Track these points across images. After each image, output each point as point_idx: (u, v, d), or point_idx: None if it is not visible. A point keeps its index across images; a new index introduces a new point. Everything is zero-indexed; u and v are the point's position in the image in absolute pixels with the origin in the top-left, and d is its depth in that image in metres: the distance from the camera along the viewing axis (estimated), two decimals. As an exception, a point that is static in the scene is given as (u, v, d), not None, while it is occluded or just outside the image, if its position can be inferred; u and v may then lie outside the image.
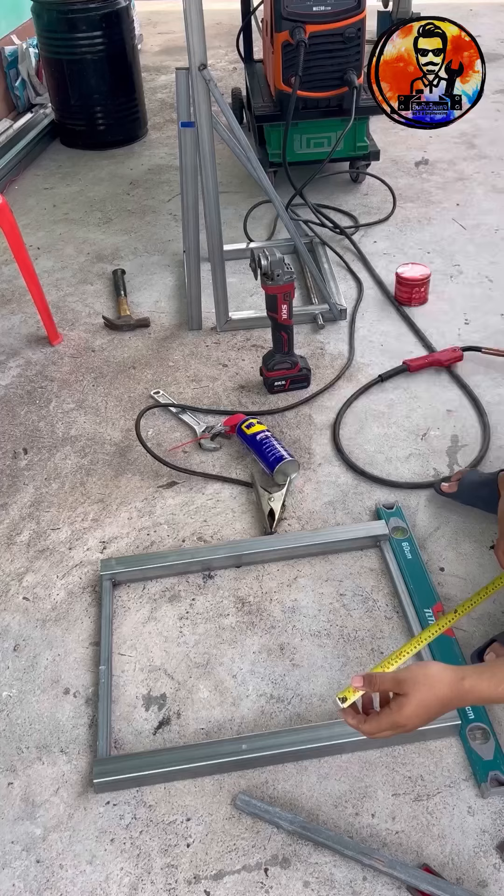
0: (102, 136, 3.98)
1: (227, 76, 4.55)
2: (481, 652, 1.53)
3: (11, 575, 1.80)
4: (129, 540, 1.86)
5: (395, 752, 1.41)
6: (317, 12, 2.75)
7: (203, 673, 1.56)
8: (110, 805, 1.37)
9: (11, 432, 2.21)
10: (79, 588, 1.76)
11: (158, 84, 4.69)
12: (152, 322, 2.62)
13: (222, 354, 2.46)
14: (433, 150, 3.66)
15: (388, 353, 2.41)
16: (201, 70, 2.07)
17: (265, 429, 2.04)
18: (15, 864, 1.30)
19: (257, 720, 1.48)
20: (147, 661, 1.60)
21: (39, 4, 3.72)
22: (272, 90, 3.08)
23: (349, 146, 3.10)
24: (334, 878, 1.26)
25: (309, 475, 2.00)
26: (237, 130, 2.23)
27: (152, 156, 3.89)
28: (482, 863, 1.26)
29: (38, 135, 3.97)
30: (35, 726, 1.49)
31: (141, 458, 2.07)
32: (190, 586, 1.74)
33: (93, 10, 3.65)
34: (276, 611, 1.68)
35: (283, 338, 2.20)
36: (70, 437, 2.18)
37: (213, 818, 1.34)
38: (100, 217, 3.34)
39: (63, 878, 1.28)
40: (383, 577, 1.73)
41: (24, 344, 2.58)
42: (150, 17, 5.70)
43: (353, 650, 1.58)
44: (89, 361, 2.47)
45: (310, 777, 1.39)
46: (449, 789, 1.36)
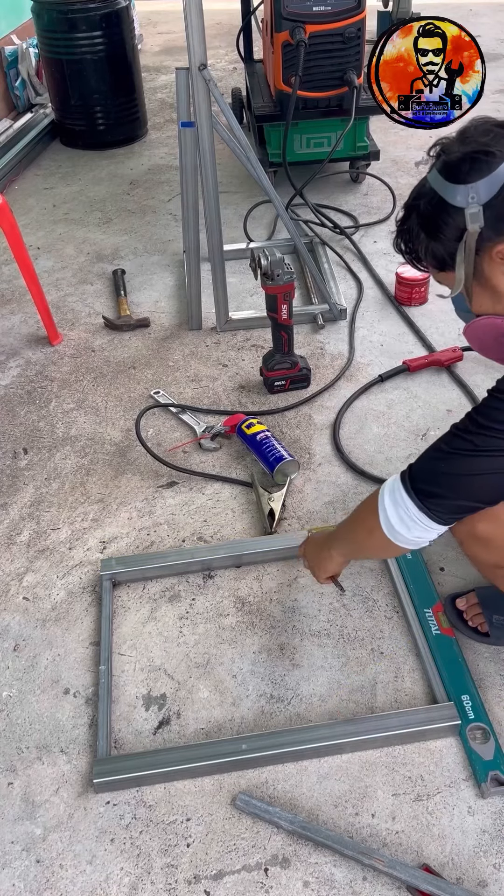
0: (102, 136, 3.98)
1: (227, 76, 4.55)
2: (455, 598, 1.60)
3: (11, 575, 1.80)
4: (129, 540, 1.86)
5: (395, 752, 1.41)
6: (317, 12, 2.75)
7: (203, 673, 1.56)
8: (110, 805, 1.37)
9: (11, 432, 2.21)
10: (79, 588, 1.76)
11: (158, 84, 4.69)
12: (152, 322, 2.62)
13: (222, 354, 2.46)
14: (433, 149, 3.66)
15: (387, 353, 2.41)
16: (201, 70, 2.07)
17: (265, 429, 2.04)
18: (15, 864, 1.30)
19: (257, 720, 1.48)
20: (147, 661, 1.60)
21: (39, 4, 3.72)
22: (272, 90, 3.08)
23: (349, 146, 3.10)
24: (334, 878, 1.26)
25: (309, 475, 2.00)
26: (237, 130, 2.23)
27: (152, 156, 3.89)
28: (482, 863, 1.26)
29: (37, 135, 3.98)
30: (35, 726, 1.49)
31: (141, 458, 2.07)
32: (190, 586, 1.74)
33: (93, 10, 3.66)
34: (276, 611, 1.68)
35: (283, 338, 2.20)
36: (70, 436, 2.18)
37: (213, 818, 1.34)
38: (100, 217, 3.34)
39: (63, 878, 1.28)
40: (383, 576, 1.73)
41: (24, 344, 2.58)
42: (150, 17, 5.70)
43: (353, 650, 1.58)
44: (89, 361, 2.47)
45: (310, 777, 1.39)
46: (449, 789, 1.36)
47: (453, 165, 1.16)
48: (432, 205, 1.19)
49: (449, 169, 1.17)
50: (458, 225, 1.16)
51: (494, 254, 1.16)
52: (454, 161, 1.16)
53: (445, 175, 1.17)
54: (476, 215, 1.14)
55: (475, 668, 1.53)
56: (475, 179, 1.13)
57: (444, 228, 1.18)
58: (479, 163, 1.13)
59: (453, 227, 1.17)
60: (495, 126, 1.17)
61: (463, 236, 1.16)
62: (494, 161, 1.13)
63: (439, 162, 1.19)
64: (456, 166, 1.16)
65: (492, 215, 1.14)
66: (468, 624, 1.57)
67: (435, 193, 1.18)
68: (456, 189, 1.15)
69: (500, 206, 1.13)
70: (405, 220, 1.26)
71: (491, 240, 1.15)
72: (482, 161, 1.13)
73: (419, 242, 1.24)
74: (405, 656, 1.57)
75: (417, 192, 1.24)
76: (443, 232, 1.19)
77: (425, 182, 1.22)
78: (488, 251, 1.17)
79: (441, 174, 1.17)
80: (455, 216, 1.16)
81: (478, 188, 1.13)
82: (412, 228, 1.24)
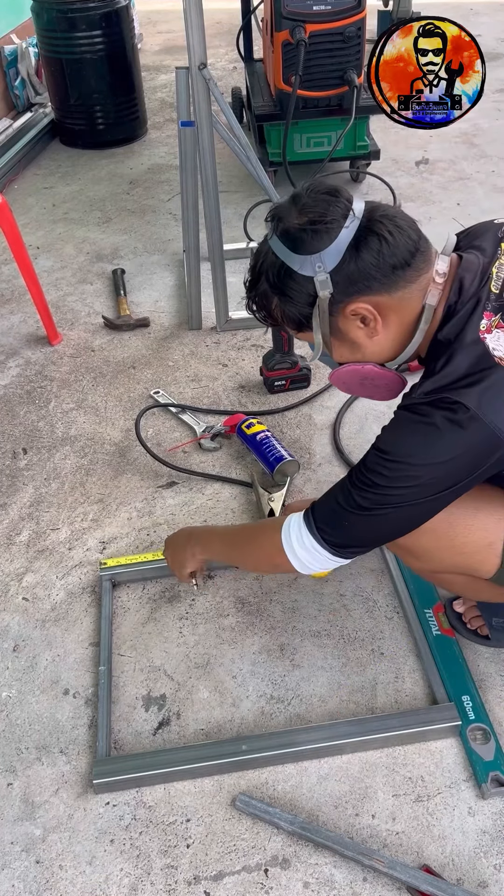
0: (102, 136, 3.98)
1: (227, 75, 4.54)
2: (453, 600, 1.61)
3: (11, 575, 1.80)
4: (128, 540, 1.86)
5: (396, 753, 1.41)
6: (317, 11, 2.74)
7: (203, 673, 1.56)
8: (110, 806, 1.37)
9: (11, 432, 2.21)
10: (78, 588, 1.75)
11: (158, 83, 4.68)
12: (152, 322, 2.62)
13: (222, 354, 2.46)
14: (433, 149, 3.66)
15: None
16: (201, 69, 2.06)
17: (265, 429, 2.04)
18: (15, 864, 1.30)
19: (257, 721, 1.48)
20: (147, 661, 1.60)
21: (39, 3, 3.72)
22: (272, 89, 3.08)
23: (349, 145, 3.09)
24: (334, 878, 1.25)
25: (309, 475, 2.00)
26: (237, 130, 2.23)
27: (152, 155, 3.89)
28: (482, 863, 1.26)
29: (37, 134, 3.97)
30: (35, 727, 1.49)
31: (141, 458, 2.07)
32: (190, 587, 1.74)
33: (92, 9, 3.65)
34: (276, 611, 1.67)
35: (283, 337, 2.20)
36: (70, 436, 2.18)
37: (213, 819, 1.34)
38: (99, 216, 3.34)
39: (63, 879, 1.28)
40: (383, 577, 1.73)
41: (24, 344, 2.58)
42: (150, 16, 5.69)
43: (353, 650, 1.58)
44: (89, 361, 2.47)
45: (310, 778, 1.38)
46: (449, 790, 1.36)
47: (295, 236, 1.18)
48: (280, 272, 1.21)
49: (291, 239, 1.18)
50: (308, 291, 1.19)
51: (348, 312, 1.20)
52: (295, 231, 1.18)
53: (289, 245, 1.19)
54: (325, 282, 1.17)
55: (476, 668, 1.52)
56: (319, 249, 1.16)
57: (295, 294, 1.21)
58: (319, 234, 1.16)
59: (303, 292, 1.20)
60: (326, 194, 1.19)
61: (315, 301, 1.19)
62: (333, 229, 1.16)
63: (279, 229, 1.20)
64: (297, 237, 1.18)
65: (340, 279, 1.17)
66: (468, 627, 1.57)
67: (280, 261, 1.20)
68: (303, 259, 1.17)
69: (345, 270, 1.16)
70: (255, 284, 1.27)
71: (342, 301, 1.19)
72: (322, 232, 1.16)
73: (273, 306, 1.27)
74: (405, 657, 1.57)
75: (263, 257, 1.24)
76: (294, 298, 1.21)
77: (268, 248, 1.23)
78: (341, 311, 1.20)
79: (284, 243, 1.19)
80: (303, 283, 1.19)
81: (322, 258, 1.16)
82: (265, 293, 1.26)
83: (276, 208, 1.24)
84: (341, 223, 1.16)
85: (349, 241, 1.16)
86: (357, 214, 1.17)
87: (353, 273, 1.17)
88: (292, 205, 1.21)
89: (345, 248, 1.16)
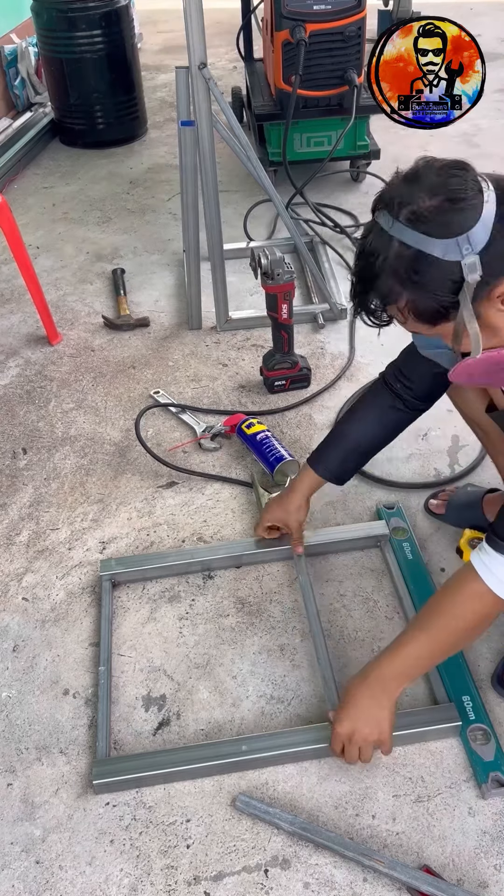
0: (102, 135, 3.98)
1: (227, 75, 4.54)
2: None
3: (11, 575, 1.79)
4: (128, 540, 1.86)
5: (396, 754, 1.40)
6: (317, 11, 2.75)
7: (203, 674, 1.56)
8: (110, 806, 1.36)
9: (11, 432, 2.21)
10: (78, 588, 1.75)
11: (158, 83, 4.68)
12: (152, 321, 2.62)
13: (222, 354, 2.45)
14: (434, 149, 3.64)
15: (389, 353, 2.38)
16: (201, 69, 2.06)
17: (265, 429, 2.04)
18: (14, 865, 1.30)
19: (257, 721, 1.47)
20: (147, 661, 1.59)
21: (39, 3, 3.72)
22: (272, 89, 3.07)
23: (349, 145, 3.10)
24: (334, 879, 1.25)
25: (309, 475, 1.99)
26: (237, 129, 2.22)
27: (152, 155, 3.89)
28: (483, 864, 1.26)
29: (37, 134, 3.97)
30: (34, 727, 1.49)
31: (141, 458, 2.07)
32: (190, 587, 1.74)
33: (92, 9, 3.66)
34: (276, 611, 1.67)
35: (283, 337, 2.20)
36: (69, 436, 2.18)
37: (213, 819, 1.34)
38: (99, 216, 3.34)
39: (63, 880, 1.28)
40: (384, 577, 1.72)
41: (24, 343, 2.58)
42: (149, 16, 5.68)
43: (353, 650, 1.58)
44: (89, 361, 2.47)
45: (310, 778, 1.38)
46: (449, 790, 1.35)
47: (432, 219, 1.05)
48: (415, 263, 1.07)
49: (427, 223, 1.05)
50: (452, 278, 1.06)
51: (494, 296, 1.08)
52: (431, 214, 1.05)
53: (425, 230, 1.05)
54: (473, 265, 1.04)
55: (476, 668, 1.52)
56: (466, 229, 1.04)
57: (435, 285, 1.07)
58: (463, 212, 1.04)
59: (446, 280, 1.06)
60: (453, 168, 1.08)
61: (459, 288, 1.06)
62: (477, 205, 1.05)
63: (403, 215, 1.06)
64: (436, 220, 1.05)
65: (489, 259, 1.05)
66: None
67: (415, 250, 1.06)
68: (447, 244, 1.04)
69: (494, 249, 1.05)
70: (372, 285, 1.12)
71: (489, 283, 1.07)
72: (466, 209, 1.04)
73: (403, 304, 1.11)
74: (405, 657, 1.56)
75: (382, 252, 1.09)
76: (434, 289, 1.07)
77: (390, 239, 1.08)
78: (487, 295, 1.08)
79: (417, 229, 1.05)
80: (444, 269, 1.05)
81: (469, 238, 1.04)
82: (391, 291, 1.10)
83: (390, 192, 1.09)
84: (481, 197, 1.05)
85: (493, 216, 1.05)
86: (491, 186, 1.06)
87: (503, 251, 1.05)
88: (413, 185, 1.07)
89: (491, 224, 1.04)
